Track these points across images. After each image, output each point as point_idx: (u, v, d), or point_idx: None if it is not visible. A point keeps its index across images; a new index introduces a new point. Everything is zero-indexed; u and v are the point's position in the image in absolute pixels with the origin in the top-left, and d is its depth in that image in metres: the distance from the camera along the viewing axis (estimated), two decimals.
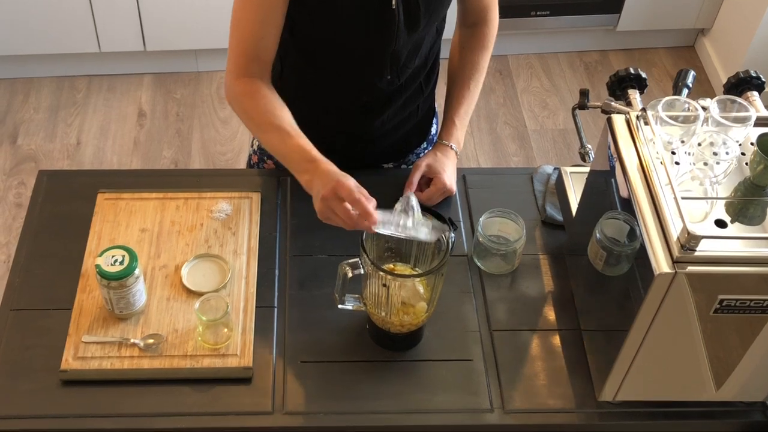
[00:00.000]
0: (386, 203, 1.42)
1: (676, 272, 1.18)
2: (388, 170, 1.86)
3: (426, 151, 1.86)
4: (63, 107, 3.32)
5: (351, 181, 1.42)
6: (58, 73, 3.43)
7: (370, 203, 1.39)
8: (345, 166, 1.79)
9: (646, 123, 1.35)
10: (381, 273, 1.35)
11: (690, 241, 1.17)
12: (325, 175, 1.44)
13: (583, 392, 1.44)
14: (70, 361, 1.42)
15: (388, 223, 1.39)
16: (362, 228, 1.38)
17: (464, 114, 1.74)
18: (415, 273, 1.46)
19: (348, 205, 1.39)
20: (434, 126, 1.88)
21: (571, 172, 1.69)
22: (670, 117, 1.32)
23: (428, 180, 1.69)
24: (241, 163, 3.12)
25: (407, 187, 1.66)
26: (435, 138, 1.88)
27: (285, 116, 1.54)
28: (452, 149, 1.71)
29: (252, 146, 1.88)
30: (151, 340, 1.45)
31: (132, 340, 1.45)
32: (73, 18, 3.17)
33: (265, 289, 1.55)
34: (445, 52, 1.75)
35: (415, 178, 1.67)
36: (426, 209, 1.47)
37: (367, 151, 1.80)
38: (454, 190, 1.70)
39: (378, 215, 1.38)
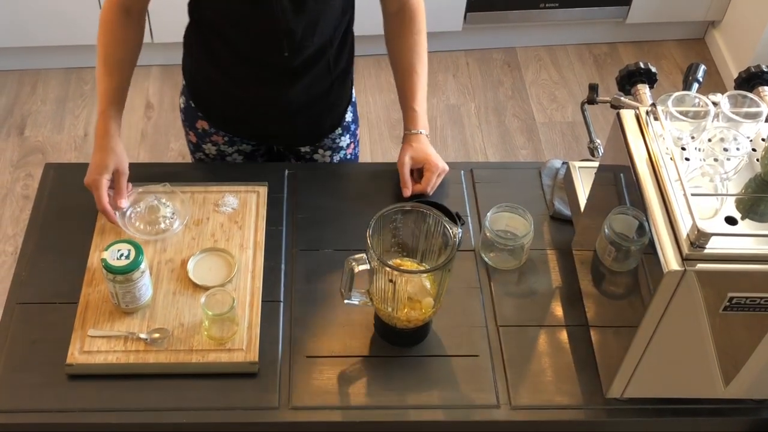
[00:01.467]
0: (385, 201, 1.42)
1: (685, 270, 1.16)
2: (381, 166, 1.85)
3: (344, 138, 1.87)
4: (70, 99, 3.32)
5: (103, 188, 1.56)
6: (65, 64, 3.42)
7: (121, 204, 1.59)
8: (263, 143, 1.85)
9: (656, 118, 1.33)
10: (387, 268, 1.34)
11: (700, 238, 1.16)
12: (94, 158, 1.59)
13: (590, 389, 1.44)
14: (75, 355, 1.42)
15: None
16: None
17: (421, 98, 1.74)
18: (421, 268, 1.45)
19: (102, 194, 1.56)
20: (350, 114, 1.86)
21: (579, 167, 1.68)
22: (680, 112, 1.31)
23: (419, 171, 1.70)
24: None
25: (405, 187, 1.67)
26: (352, 125, 1.88)
27: (121, 58, 1.65)
28: (421, 134, 1.72)
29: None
30: (156, 335, 1.45)
31: (138, 335, 1.45)
32: (80, 9, 3.16)
33: (271, 283, 1.55)
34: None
35: (407, 175, 1.68)
36: (432, 204, 1.46)
37: (282, 131, 1.81)
38: (447, 167, 1.71)
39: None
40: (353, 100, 1.87)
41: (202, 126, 1.82)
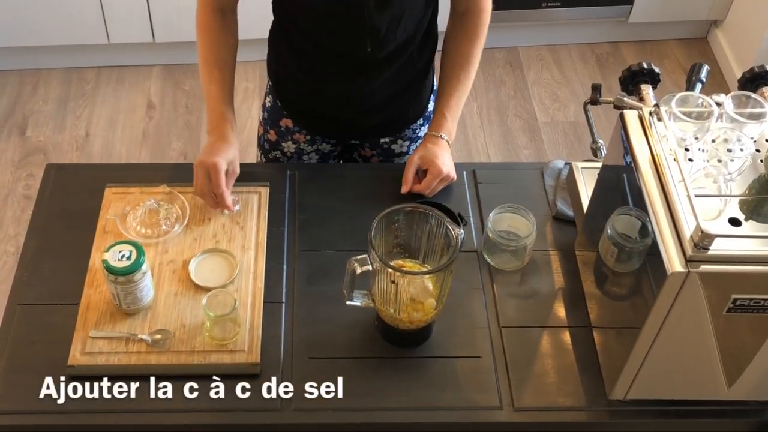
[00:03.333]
0: (387, 202, 1.41)
1: (689, 271, 1.16)
2: (382, 167, 1.87)
3: (423, 128, 1.87)
4: (72, 99, 3.31)
5: (223, 172, 1.57)
6: (66, 64, 3.42)
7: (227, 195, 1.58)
8: (346, 140, 1.85)
9: (659, 119, 1.33)
10: (389, 269, 1.34)
11: (703, 239, 1.15)
12: (220, 147, 1.60)
13: (593, 390, 1.43)
14: (77, 357, 1.42)
15: None
16: (209, 203, 1.61)
17: (455, 106, 1.73)
18: (423, 269, 1.45)
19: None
20: (431, 103, 1.87)
21: (582, 168, 1.68)
22: (684, 113, 1.30)
23: (426, 172, 1.69)
24: (251, 156, 3.10)
25: (404, 184, 1.66)
26: (432, 114, 1.87)
27: (225, 58, 1.68)
28: (443, 139, 1.71)
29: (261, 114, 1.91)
30: (158, 336, 1.45)
31: (139, 336, 1.44)
32: (82, 9, 3.16)
33: (273, 284, 1.54)
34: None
35: (410, 173, 1.67)
36: (434, 205, 1.45)
37: (364, 123, 1.80)
38: (453, 176, 1.70)
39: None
40: (434, 88, 1.86)
41: (286, 124, 1.83)
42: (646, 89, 1.45)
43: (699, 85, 1.45)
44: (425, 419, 1.40)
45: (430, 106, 1.86)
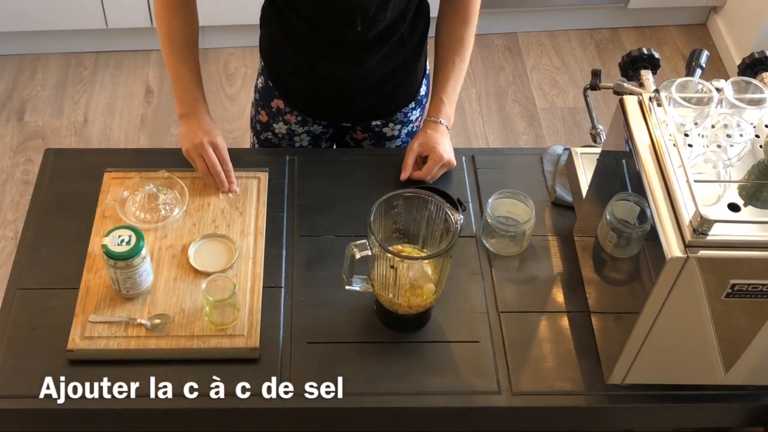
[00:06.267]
0: (386, 187, 1.41)
1: (687, 257, 1.16)
2: (381, 152, 1.86)
3: (415, 111, 1.87)
4: (70, 84, 3.30)
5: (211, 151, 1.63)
6: (65, 49, 3.41)
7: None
8: (338, 122, 1.84)
9: (659, 104, 1.33)
10: (389, 254, 1.34)
11: (702, 224, 1.15)
12: (207, 126, 1.65)
13: (591, 375, 1.44)
14: (76, 341, 1.42)
15: None
16: (220, 183, 1.63)
17: (451, 90, 1.73)
18: (423, 254, 1.45)
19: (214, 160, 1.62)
20: (424, 87, 1.86)
21: (581, 153, 1.68)
22: (684, 98, 1.30)
23: (425, 159, 1.69)
24: (249, 141, 3.11)
25: (404, 170, 1.66)
26: (424, 99, 1.88)
27: (193, 39, 1.68)
28: (442, 124, 1.71)
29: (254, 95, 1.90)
30: (157, 320, 1.45)
31: (139, 320, 1.45)
32: None
33: (272, 269, 1.54)
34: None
35: (410, 160, 1.67)
36: (433, 190, 1.46)
37: (355, 104, 1.80)
38: (453, 162, 1.70)
39: None
40: (427, 72, 1.86)
41: (277, 105, 1.82)
42: (646, 75, 1.45)
43: (699, 71, 1.44)
44: (423, 404, 1.41)
45: (422, 90, 1.86)
